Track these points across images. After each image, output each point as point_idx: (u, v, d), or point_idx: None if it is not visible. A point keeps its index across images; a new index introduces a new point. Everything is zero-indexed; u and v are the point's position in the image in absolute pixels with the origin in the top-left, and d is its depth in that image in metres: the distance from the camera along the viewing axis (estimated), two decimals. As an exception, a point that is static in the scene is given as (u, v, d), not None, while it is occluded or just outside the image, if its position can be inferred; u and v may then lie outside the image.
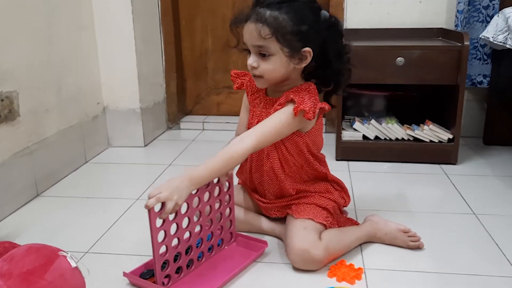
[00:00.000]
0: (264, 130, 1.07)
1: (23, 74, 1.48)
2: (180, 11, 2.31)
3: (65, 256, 0.84)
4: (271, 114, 1.12)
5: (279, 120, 1.08)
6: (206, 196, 1.06)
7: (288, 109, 1.08)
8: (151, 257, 0.98)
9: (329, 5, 2.09)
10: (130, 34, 1.94)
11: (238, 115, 1.30)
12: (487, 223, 1.31)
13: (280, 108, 1.10)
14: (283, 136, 1.11)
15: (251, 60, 1.09)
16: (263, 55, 1.08)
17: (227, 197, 1.13)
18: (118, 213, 1.41)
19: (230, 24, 1.12)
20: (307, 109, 1.06)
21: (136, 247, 1.20)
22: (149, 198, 0.91)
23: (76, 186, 1.63)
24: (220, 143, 1.18)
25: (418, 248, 1.17)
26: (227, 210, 1.15)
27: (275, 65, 1.08)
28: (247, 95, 1.25)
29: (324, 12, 1.11)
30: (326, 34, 1.10)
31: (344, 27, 2.08)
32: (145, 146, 2.08)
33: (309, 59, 1.09)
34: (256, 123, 1.15)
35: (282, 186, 1.19)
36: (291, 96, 1.08)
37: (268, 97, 1.19)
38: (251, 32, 1.06)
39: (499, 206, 1.42)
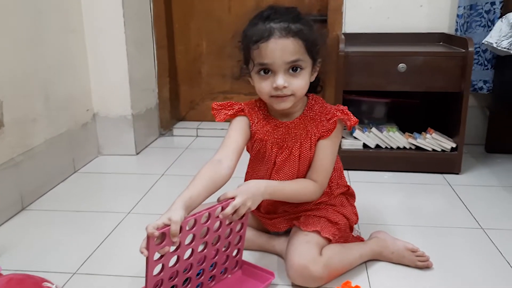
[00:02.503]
0: (327, 167, 1.09)
1: (8, 81, 1.40)
2: (174, 14, 2.24)
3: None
4: (304, 140, 1.08)
5: (333, 149, 1.10)
6: (216, 225, 0.94)
7: (336, 132, 1.08)
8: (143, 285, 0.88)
9: (328, 8, 2.03)
10: (121, 38, 1.86)
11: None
12: (496, 239, 1.26)
13: (330, 134, 1.07)
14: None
15: (282, 80, 0.99)
16: (294, 70, 1.00)
17: (239, 225, 1.01)
18: (108, 229, 1.33)
19: (246, 42, 1.01)
20: (355, 118, 1.08)
21: (128, 267, 1.13)
22: (219, 200, 0.93)
23: (64, 199, 1.55)
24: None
25: (427, 267, 1.11)
26: (237, 238, 1.03)
27: (305, 80, 1.02)
28: (252, 124, 1.11)
29: None
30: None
31: (343, 31, 2.02)
32: (137, 154, 2.00)
33: (317, 71, 1.08)
34: (277, 150, 1.10)
35: (301, 205, 1.14)
36: (339, 115, 1.07)
37: (284, 122, 1.10)
38: (283, 47, 0.97)
39: (507, 220, 1.37)
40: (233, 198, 0.92)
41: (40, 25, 1.56)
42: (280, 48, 0.97)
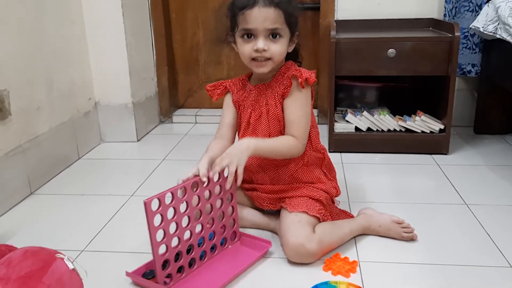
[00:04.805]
0: (301, 122, 1.15)
1: (13, 71, 1.46)
2: (170, 4, 2.29)
3: (62, 259, 0.84)
4: (269, 98, 1.17)
5: (303, 103, 1.15)
6: (206, 194, 1.05)
7: (298, 88, 1.15)
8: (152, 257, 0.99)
9: (320, -4, 2.08)
10: (120, 28, 1.92)
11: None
12: (478, 214, 1.33)
13: (289, 90, 1.15)
14: (310, 115, 1.18)
15: (262, 44, 1.11)
16: (274, 36, 1.11)
17: (229, 195, 1.12)
18: (113, 210, 1.41)
19: (233, 9, 1.13)
20: (308, 75, 1.13)
21: (132, 244, 1.21)
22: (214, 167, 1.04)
23: (69, 183, 1.63)
24: (213, 136, 1.22)
25: (412, 239, 1.19)
26: (230, 209, 1.13)
27: (283, 47, 1.14)
28: (232, 94, 1.26)
29: None
30: None
31: (335, 18, 2.08)
32: (138, 141, 2.07)
33: (295, 43, 1.19)
34: (250, 113, 1.21)
35: (280, 171, 1.21)
36: (293, 72, 1.14)
37: (257, 85, 1.22)
38: (265, 15, 1.09)
39: (489, 196, 1.44)
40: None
41: (41, 17, 1.61)
42: (263, 15, 1.09)
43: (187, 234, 1.03)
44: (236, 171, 1.04)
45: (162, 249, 0.97)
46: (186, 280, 1.03)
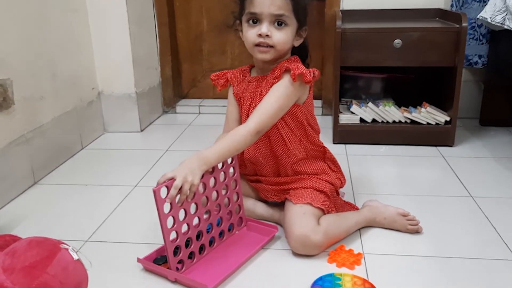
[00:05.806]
0: (266, 107, 1.10)
1: (16, 61, 1.45)
2: (174, -8, 2.27)
3: (67, 249, 0.83)
4: (263, 90, 1.15)
5: (278, 94, 1.11)
6: (211, 182, 1.07)
7: (285, 80, 1.12)
8: (160, 244, 1.03)
9: (326, -15, 2.06)
10: (124, 17, 1.90)
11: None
12: (484, 206, 1.32)
13: (277, 82, 1.12)
14: (285, 109, 1.13)
15: (266, 29, 1.09)
16: (279, 24, 1.10)
17: (233, 182, 1.14)
18: (117, 201, 1.41)
19: None
20: (304, 71, 1.09)
21: (136, 234, 1.21)
22: (159, 182, 0.97)
23: (73, 173, 1.63)
24: (217, 127, 1.22)
25: (417, 232, 1.19)
26: (235, 195, 1.15)
27: (287, 36, 1.12)
28: (233, 87, 1.26)
29: None
30: None
31: (341, 8, 2.06)
32: (142, 131, 2.07)
33: (303, 38, 1.17)
34: (249, 105, 1.19)
35: (280, 163, 1.21)
36: (286, 65, 1.12)
37: (256, 76, 1.21)
38: (272, 1, 1.08)
39: (495, 189, 1.43)
40: (173, 178, 0.97)
41: (45, 6, 1.60)
42: (270, 0, 1.08)
43: (195, 221, 1.05)
44: (182, 187, 0.97)
45: (172, 235, 0.99)
46: (198, 266, 1.05)
